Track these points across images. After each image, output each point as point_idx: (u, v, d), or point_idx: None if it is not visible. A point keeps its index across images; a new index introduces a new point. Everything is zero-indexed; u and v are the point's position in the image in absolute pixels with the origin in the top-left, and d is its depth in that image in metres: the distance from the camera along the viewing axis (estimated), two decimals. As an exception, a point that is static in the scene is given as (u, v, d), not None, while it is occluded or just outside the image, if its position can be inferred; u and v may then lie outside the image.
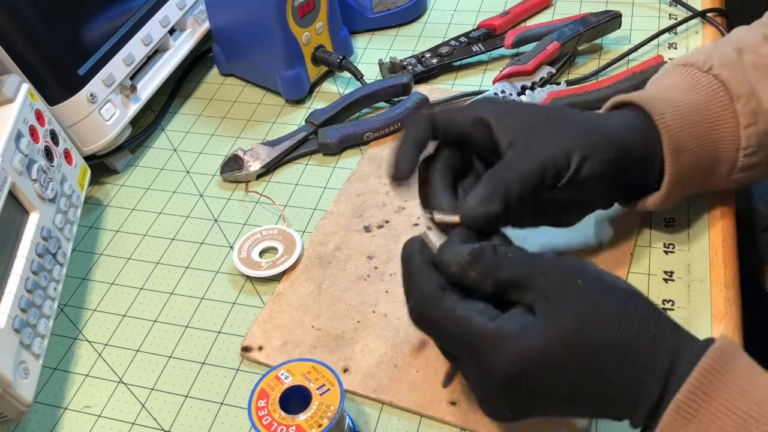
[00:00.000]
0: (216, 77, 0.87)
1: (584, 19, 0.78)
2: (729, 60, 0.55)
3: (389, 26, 0.89)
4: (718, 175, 0.55)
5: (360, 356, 0.55)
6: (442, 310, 0.42)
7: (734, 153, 0.54)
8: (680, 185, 0.54)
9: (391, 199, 0.67)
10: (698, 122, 0.53)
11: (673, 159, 0.52)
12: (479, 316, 0.41)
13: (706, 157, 0.54)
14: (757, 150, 0.54)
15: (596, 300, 0.40)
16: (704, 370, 0.38)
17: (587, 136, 0.51)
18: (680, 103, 0.53)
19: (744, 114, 0.53)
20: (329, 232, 0.65)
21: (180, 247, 0.67)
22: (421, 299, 0.44)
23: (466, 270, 0.43)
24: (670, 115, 0.52)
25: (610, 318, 0.40)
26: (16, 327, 0.50)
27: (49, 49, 0.66)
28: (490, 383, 0.42)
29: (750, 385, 0.38)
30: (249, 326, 0.59)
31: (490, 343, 0.40)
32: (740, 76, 0.54)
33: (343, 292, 0.60)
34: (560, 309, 0.40)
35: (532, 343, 0.40)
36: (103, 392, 0.56)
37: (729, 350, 0.39)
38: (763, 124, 0.53)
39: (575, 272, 0.42)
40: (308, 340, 0.57)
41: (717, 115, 0.53)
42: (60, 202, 0.60)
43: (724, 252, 0.57)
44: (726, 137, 0.54)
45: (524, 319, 0.41)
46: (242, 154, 0.72)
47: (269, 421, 0.44)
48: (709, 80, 0.54)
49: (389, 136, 0.74)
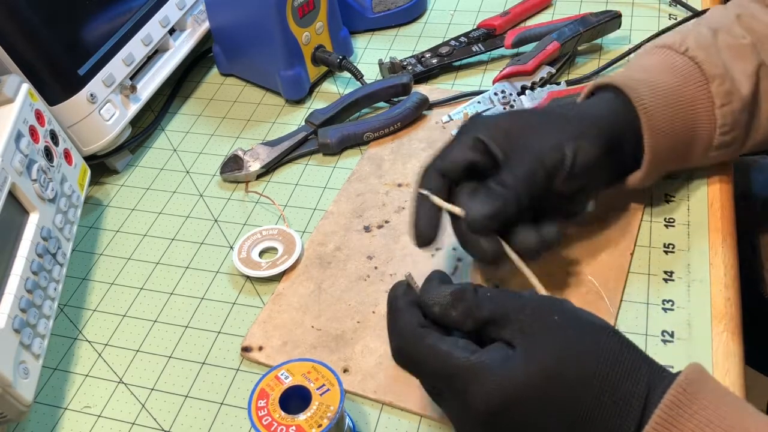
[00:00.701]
0: (216, 77, 0.87)
1: (584, 19, 0.78)
2: (704, 41, 0.57)
3: (389, 26, 0.89)
4: (695, 152, 0.58)
5: (360, 356, 0.55)
6: (424, 347, 0.43)
7: (710, 132, 0.57)
8: (659, 163, 0.56)
9: (391, 199, 0.67)
10: (675, 103, 0.55)
11: (652, 139, 0.55)
12: (460, 351, 0.41)
13: (684, 136, 0.56)
14: (731, 128, 0.57)
15: (572, 334, 0.41)
16: (671, 403, 0.38)
17: (577, 127, 0.53)
18: (658, 84, 0.56)
19: (718, 94, 0.56)
20: (329, 232, 0.65)
21: (180, 247, 0.67)
22: (403, 338, 0.44)
23: (448, 310, 0.43)
24: (648, 98, 0.55)
25: (587, 351, 0.40)
26: (16, 327, 0.50)
27: (49, 49, 0.66)
28: (472, 417, 0.41)
29: (715, 415, 0.38)
30: (249, 326, 0.59)
31: (472, 375, 0.41)
32: (715, 57, 0.56)
33: (343, 293, 0.60)
34: (538, 343, 0.41)
35: (512, 374, 0.40)
36: (103, 392, 0.56)
37: (695, 381, 0.39)
38: (737, 103, 0.56)
39: (551, 309, 0.42)
40: (308, 340, 0.57)
41: (693, 95, 0.56)
42: (60, 202, 0.60)
43: (724, 252, 0.57)
44: (702, 117, 0.56)
45: (505, 353, 0.41)
46: (242, 154, 0.72)
47: (269, 421, 0.44)
48: (684, 62, 0.57)
49: (389, 136, 0.74)
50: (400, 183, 0.68)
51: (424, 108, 0.75)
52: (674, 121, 0.55)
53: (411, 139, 0.73)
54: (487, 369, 0.40)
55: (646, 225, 0.60)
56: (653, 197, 0.62)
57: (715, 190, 0.62)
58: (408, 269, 0.59)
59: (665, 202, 0.62)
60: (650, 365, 0.41)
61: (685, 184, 0.63)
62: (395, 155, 0.71)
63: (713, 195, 0.61)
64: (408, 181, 0.68)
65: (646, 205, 0.62)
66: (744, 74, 0.57)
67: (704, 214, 0.60)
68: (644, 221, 0.61)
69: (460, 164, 0.52)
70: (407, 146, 0.72)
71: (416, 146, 0.72)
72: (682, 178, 0.63)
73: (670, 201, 0.62)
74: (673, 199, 0.62)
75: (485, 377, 0.40)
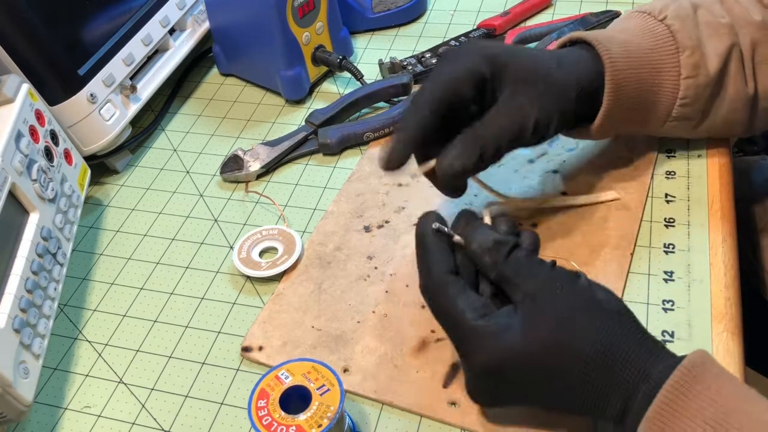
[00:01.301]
0: (216, 77, 0.87)
1: (584, 19, 0.78)
2: (683, 12, 0.59)
3: (389, 26, 0.89)
4: (652, 118, 0.60)
5: (360, 356, 0.55)
6: (445, 298, 0.46)
7: (671, 101, 0.58)
8: (614, 120, 0.58)
9: (392, 199, 0.67)
10: (642, 65, 0.57)
11: (613, 93, 0.56)
12: (472, 312, 0.45)
13: (645, 98, 0.58)
14: (691, 102, 0.58)
15: (572, 310, 0.44)
16: (675, 384, 0.40)
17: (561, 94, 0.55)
18: (629, 44, 0.57)
19: (686, 65, 0.57)
20: (329, 232, 0.65)
21: (180, 247, 0.67)
22: (430, 279, 0.48)
23: (485, 253, 0.47)
24: (615, 53, 0.56)
25: (583, 329, 0.43)
26: (16, 327, 0.50)
27: (49, 49, 0.66)
28: (472, 374, 0.46)
29: (719, 396, 0.40)
30: (249, 326, 0.59)
31: (475, 338, 0.45)
32: (690, 29, 0.58)
33: (343, 293, 0.60)
34: (538, 314, 0.44)
35: (509, 343, 0.44)
36: (103, 392, 0.56)
37: (701, 363, 0.41)
38: (702, 78, 0.58)
39: (560, 282, 0.45)
40: (308, 340, 0.57)
41: (662, 61, 0.58)
42: (60, 202, 0.60)
43: (724, 252, 0.57)
44: (666, 84, 0.58)
45: (508, 321, 0.45)
46: (242, 154, 0.72)
47: (269, 421, 0.44)
48: (661, 28, 0.58)
49: (389, 136, 0.74)
50: (400, 183, 0.68)
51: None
52: (638, 81, 0.57)
53: (411, 139, 0.73)
54: (489, 335, 0.44)
55: (646, 225, 0.60)
56: (653, 197, 0.62)
57: (715, 190, 0.62)
58: (410, 269, 0.60)
59: (665, 202, 0.62)
60: (649, 351, 0.43)
61: (685, 184, 0.63)
62: (395, 155, 0.71)
63: (713, 195, 0.61)
64: (408, 180, 0.68)
65: (646, 205, 0.62)
66: (715, 52, 0.58)
67: (704, 214, 0.60)
68: (644, 221, 0.61)
69: (451, 96, 0.53)
70: (407, 146, 0.72)
71: (416, 146, 0.72)
72: (682, 178, 0.63)
73: (670, 201, 0.62)
74: (673, 199, 0.62)
75: (486, 342, 0.44)
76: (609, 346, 0.42)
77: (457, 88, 0.52)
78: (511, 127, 0.53)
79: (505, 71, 0.53)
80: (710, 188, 0.62)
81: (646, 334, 0.44)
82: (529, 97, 0.53)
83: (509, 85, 0.53)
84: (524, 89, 0.53)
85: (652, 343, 0.44)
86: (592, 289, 0.45)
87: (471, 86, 0.53)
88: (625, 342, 0.43)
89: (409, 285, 0.59)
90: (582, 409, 0.44)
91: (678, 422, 0.39)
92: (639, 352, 0.42)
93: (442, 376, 0.52)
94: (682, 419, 0.39)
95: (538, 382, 0.44)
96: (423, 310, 0.57)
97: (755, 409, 0.39)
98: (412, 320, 0.56)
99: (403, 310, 0.57)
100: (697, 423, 0.39)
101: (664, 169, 0.65)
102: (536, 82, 0.54)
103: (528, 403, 0.47)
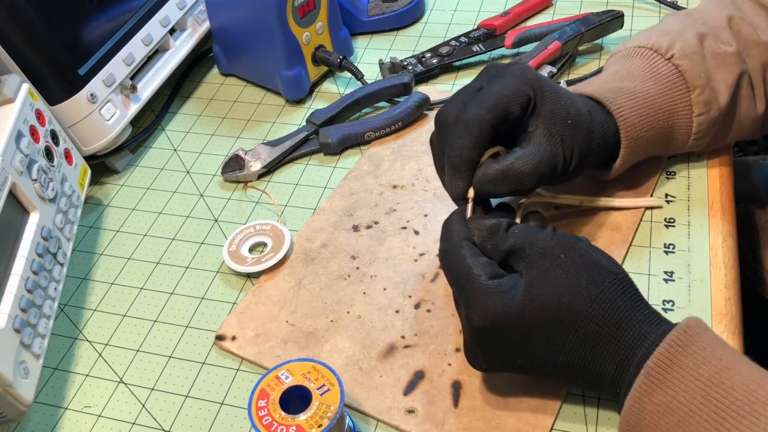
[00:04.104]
0: (216, 77, 0.87)
1: (586, 18, 0.78)
2: (690, 49, 0.59)
3: (384, 30, 0.89)
4: (667, 150, 0.63)
5: (328, 356, 0.55)
6: (458, 256, 0.48)
7: (685, 136, 0.60)
8: (628, 164, 0.60)
9: (384, 200, 0.67)
10: (654, 112, 0.58)
11: (628, 148, 0.58)
12: (481, 270, 0.47)
13: (659, 140, 0.59)
14: (705, 134, 0.60)
15: (573, 274, 0.45)
16: (672, 341, 0.42)
17: (590, 140, 0.55)
18: (638, 93, 0.58)
19: (698, 103, 0.58)
20: (318, 228, 0.65)
21: (180, 247, 0.67)
22: (447, 242, 0.50)
23: (485, 242, 0.49)
24: (627, 110, 0.57)
25: (583, 291, 0.45)
26: (16, 327, 0.50)
27: (49, 49, 0.66)
28: (470, 331, 0.47)
29: (713, 356, 0.42)
30: (249, 326, 0.59)
31: (479, 294, 0.46)
32: (698, 65, 0.58)
33: (322, 290, 0.60)
34: (540, 278, 0.45)
35: (510, 304, 0.45)
36: (103, 392, 0.56)
37: (695, 326, 0.43)
38: (714, 112, 0.59)
39: (561, 247, 0.46)
40: (280, 334, 0.57)
41: (673, 104, 0.58)
42: (60, 202, 0.60)
43: (724, 252, 0.57)
44: (679, 123, 0.59)
45: (514, 283, 0.46)
46: (243, 154, 0.72)
47: (269, 421, 0.44)
48: (668, 69, 0.59)
49: (390, 136, 0.74)
50: (395, 185, 0.68)
51: (425, 107, 0.75)
52: (652, 129, 0.58)
53: (413, 139, 0.73)
54: (492, 293, 0.46)
55: (646, 225, 0.60)
56: (653, 197, 0.62)
57: (715, 190, 0.62)
58: (390, 273, 0.60)
59: (665, 202, 0.62)
60: (647, 316, 0.45)
61: (686, 184, 0.63)
62: (396, 155, 0.71)
63: (713, 195, 0.61)
64: (404, 183, 0.68)
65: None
66: (725, 84, 0.58)
67: (704, 214, 0.60)
68: (644, 221, 0.61)
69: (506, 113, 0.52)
70: (409, 147, 0.72)
71: (417, 148, 0.72)
72: (682, 178, 0.63)
73: (670, 201, 0.62)
74: (673, 200, 0.62)
75: (488, 299, 0.46)
76: (610, 308, 0.44)
77: (509, 104, 0.52)
78: (548, 165, 0.52)
79: (544, 101, 0.53)
80: (710, 188, 0.62)
81: (644, 300, 0.46)
82: (563, 137, 0.53)
83: (545, 120, 0.52)
84: (561, 128, 0.53)
85: (649, 308, 0.46)
86: (594, 253, 0.47)
87: (519, 107, 0.52)
88: (625, 305, 0.45)
89: (386, 288, 0.59)
90: (578, 369, 0.45)
91: (673, 379, 0.42)
92: (638, 316, 0.45)
93: (405, 384, 0.52)
94: (677, 376, 0.41)
95: (538, 341, 0.45)
96: (396, 315, 0.57)
97: (746, 370, 0.41)
98: (384, 325, 0.56)
99: (376, 313, 0.57)
100: (690, 380, 0.41)
101: (664, 169, 0.65)
102: (567, 123, 0.53)
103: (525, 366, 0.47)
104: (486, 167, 0.51)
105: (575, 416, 0.50)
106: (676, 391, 0.41)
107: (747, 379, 0.40)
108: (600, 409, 0.50)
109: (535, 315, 0.45)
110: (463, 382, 0.52)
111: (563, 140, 0.53)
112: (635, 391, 0.43)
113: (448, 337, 0.55)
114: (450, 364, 0.53)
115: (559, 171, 0.53)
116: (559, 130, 0.53)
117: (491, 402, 0.50)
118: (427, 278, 0.59)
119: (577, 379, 0.47)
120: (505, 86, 0.52)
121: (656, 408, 0.42)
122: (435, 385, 0.52)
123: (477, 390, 0.51)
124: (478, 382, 0.52)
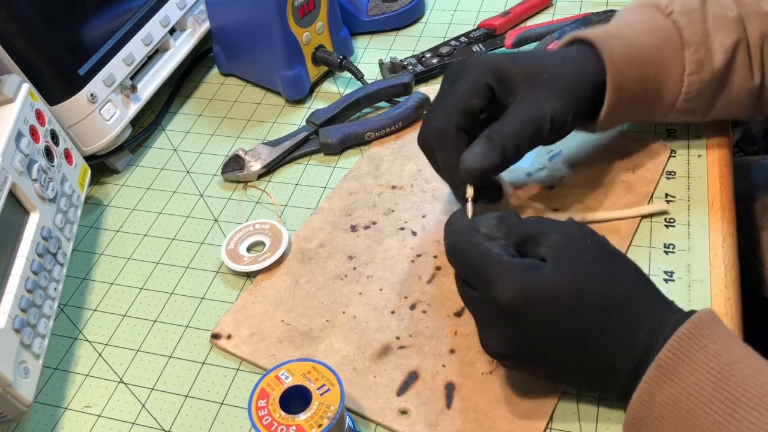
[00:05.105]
0: (216, 77, 0.87)
1: (586, 18, 0.78)
2: (690, 6, 0.58)
3: (383, 30, 0.89)
4: (656, 111, 0.60)
5: (322, 355, 0.55)
6: (470, 243, 0.48)
7: (675, 96, 0.59)
8: (618, 114, 0.59)
9: (383, 200, 0.67)
10: (646, 63, 0.57)
11: (615, 93, 0.57)
12: (499, 249, 0.47)
13: (647, 95, 0.59)
14: (695, 96, 0.59)
15: (598, 259, 0.46)
16: (683, 334, 0.42)
17: (573, 92, 0.55)
18: (633, 42, 0.57)
19: (691, 62, 0.57)
20: (316, 228, 0.65)
21: (180, 247, 0.67)
22: (456, 234, 0.49)
23: (494, 229, 0.49)
24: (617, 53, 0.56)
25: (606, 279, 0.45)
26: (16, 327, 0.50)
27: (49, 49, 0.66)
28: (493, 310, 0.46)
29: (723, 349, 0.42)
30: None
31: (504, 270, 0.45)
32: (696, 24, 0.57)
33: (318, 290, 0.60)
34: (568, 259, 0.46)
35: (540, 280, 0.45)
36: (103, 392, 0.56)
37: (708, 319, 0.43)
38: (706, 74, 0.58)
39: (585, 235, 0.47)
40: (276, 333, 0.57)
41: (666, 58, 0.58)
42: (60, 202, 0.60)
43: (724, 252, 0.57)
44: (670, 80, 0.58)
45: (536, 263, 0.46)
46: (243, 154, 0.72)
47: (269, 421, 0.44)
48: (666, 24, 0.58)
49: (390, 136, 0.74)
50: (394, 185, 0.68)
51: (426, 108, 0.75)
52: (641, 80, 0.57)
53: (413, 139, 0.72)
54: (518, 268, 0.45)
55: (646, 225, 0.60)
56: (653, 197, 0.62)
57: (715, 190, 0.62)
58: (386, 273, 0.60)
59: (665, 202, 0.62)
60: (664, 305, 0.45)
61: (686, 184, 0.63)
62: (396, 156, 0.71)
63: (713, 195, 0.61)
64: (402, 183, 0.68)
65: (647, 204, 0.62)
66: (721, 47, 0.58)
67: (704, 214, 0.60)
68: (644, 221, 0.61)
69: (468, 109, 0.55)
70: (409, 147, 0.72)
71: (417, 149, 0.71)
72: (682, 178, 0.63)
73: (670, 201, 0.62)
74: (673, 200, 0.62)
75: (515, 274, 0.45)
76: (630, 298, 0.45)
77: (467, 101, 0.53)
78: (530, 121, 0.53)
79: (510, 78, 0.54)
80: (710, 188, 0.62)
81: (658, 290, 0.47)
82: (542, 93, 0.53)
83: (519, 88, 0.54)
84: (534, 88, 0.54)
85: (663, 297, 0.46)
86: (608, 243, 0.48)
87: (481, 99, 0.53)
88: (642, 295, 0.45)
89: (383, 289, 0.59)
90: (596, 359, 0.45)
91: (683, 371, 0.41)
92: (655, 306, 0.45)
93: (399, 384, 0.52)
94: (687, 368, 0.41)
95: (558, 326, 0.45)
96: (392, 316, 0.57)
97: (757, 363, 0.41)
98: (379, 325, 0.56)
99: (372, 313, 0.57)
100: (701, 373, 0.41)
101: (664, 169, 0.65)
102: (545, 80, 0.54)
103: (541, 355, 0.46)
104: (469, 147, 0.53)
105: (570, 416, 0.50)
106: (687, 383, 0.41)
107: (757, 372, 0.41)
108: (600, 407, 0.50)
109: (562, 294, 0.44)
110: (457, 383, 0.52)
111: (543, 96, 0.54)
112: (645, 383, 0.43)
113: (443, 339, 0.55)
114: (444, 365, 0.53)
115: (549, 125, 0.53)
116: (534, 90, 0.54)
117: (484, 403, 0.50)
118: (423, 279, 0.59)
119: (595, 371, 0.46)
120: (461, 84, 0.54)
121: (665, 400, 0.42)
122: (428, 386, 0.52)
123: (470, 391, 0.51)
124: (472, 384, 0.52)
